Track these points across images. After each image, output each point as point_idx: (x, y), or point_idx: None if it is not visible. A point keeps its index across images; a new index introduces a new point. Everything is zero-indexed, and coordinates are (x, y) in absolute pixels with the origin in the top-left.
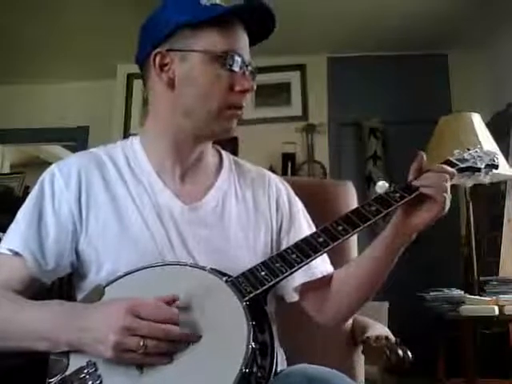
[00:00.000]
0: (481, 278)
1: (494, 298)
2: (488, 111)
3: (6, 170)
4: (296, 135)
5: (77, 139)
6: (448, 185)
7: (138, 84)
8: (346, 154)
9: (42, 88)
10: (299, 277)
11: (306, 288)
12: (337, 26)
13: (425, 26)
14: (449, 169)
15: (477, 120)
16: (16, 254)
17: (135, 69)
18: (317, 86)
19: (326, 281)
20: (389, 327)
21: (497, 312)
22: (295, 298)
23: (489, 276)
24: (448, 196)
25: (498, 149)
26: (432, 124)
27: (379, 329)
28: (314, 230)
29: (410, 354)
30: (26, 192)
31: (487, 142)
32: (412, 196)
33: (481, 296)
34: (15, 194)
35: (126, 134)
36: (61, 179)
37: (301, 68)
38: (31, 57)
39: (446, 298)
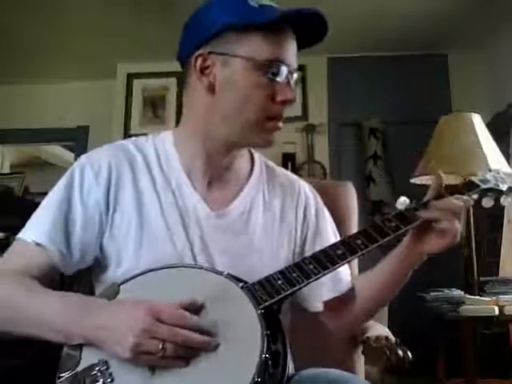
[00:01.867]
0: (481, 279)
1: (494, 298)
2: (488, 111)
3: (6, 170)
4: (296, 135)
5: (77, 139)
6: (461, 214)
7: (137, 84)
8: (346, 154)
9: (42, 88)
10: (326, 292)
11: (328, 301)
12: (337, 26)
13: (425, 26)
14: (465, 198)
15: (477, 120)
16: (41, 246)
17: (135, 69)
18: (317, 86)
19: (348, 295)
20: (389, 327)
21: (497, 312)
22: (320, 308)
23: (489, 276)
24: (460, 225)
25: (497, 149)
26: (432, 124)
27: (379, 329)
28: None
29: (409, 354)
30: (26, 192)
31: (487, 142)
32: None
33: (481, 296)
34: (15, 194)
35: (126, 134)
36: (91, 172)
37: (301, 68)
38: (31, 57)
39: (446, 299)
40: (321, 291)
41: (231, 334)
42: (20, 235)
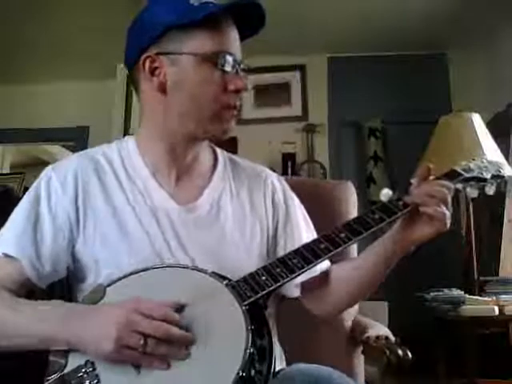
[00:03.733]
0: (481, 278)
1: (494, 298)
2: (488, 111)
3: (6, 170)
4: (296, 135)
5: (77, 139)
6: (447, 199)
7: None
8: (346, 154)
9: (42, 88)
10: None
11: (305, 284)
12: (337, 26)
13: (425, 25)
14: (446, 183)
15: (477, 120)
16: (11, 257)
17: None
18: (317, 86)
19: (324, 277)
20: (389, 327)
21: (497, 312)
22: (297, 293)
23: (489, 276)
24: (448, 211)
25: (497, 149)
26: (432, 124)
27: (379, 329)
28: (311, 227)
29: (409, 354)
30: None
31: (487, 142)
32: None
33: (481, 296)
34: (15, 195)
35: (126, 134)
36: (57, 182)
37: (301, 68)
38: (31, 57)
39: (446, 298)
40: None
41: (216, 331)
42: None
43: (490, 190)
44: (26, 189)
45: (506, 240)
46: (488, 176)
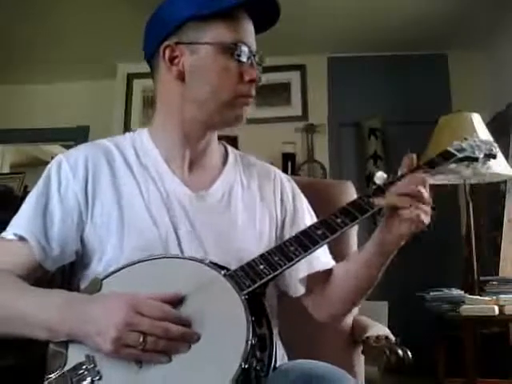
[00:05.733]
0: (481, 278)
1: (494, 298)
2: (488, 111)
3: (6, 169)
4: (296, 135)
5: (77, 139)
6: (422, 196)
7: (137, 84)
8: (346, 154)
9: (42, 88)
10: (302, 269)
11: (307, 282)
12: (337, 26)
13: (425, 25)
14: (421, 177)
15: (477, 120)
16: (21, 238)
17: (135, 69)
18: (317, 86)
19: (326, 275)
20: (389, 327)
21: (497, 312)
22: (301, 290)
23: (489, 276)
24: (424, 208)
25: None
26: (432, 124)
27: (379, 329)
28: None
29: (409, 353)
30: (26, 192)
31: None
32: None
33: (481, 296)
34: (15, 194)
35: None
36: (67, 167)
37: (301, 68)
38: (31, 56)
39: (446, 298)
40: (296, 271)
41: (216, 323)
42: (2, 234)
43: (483, 169)
44: (26, 188)
45: (506, 240)
46: (480, 155)
